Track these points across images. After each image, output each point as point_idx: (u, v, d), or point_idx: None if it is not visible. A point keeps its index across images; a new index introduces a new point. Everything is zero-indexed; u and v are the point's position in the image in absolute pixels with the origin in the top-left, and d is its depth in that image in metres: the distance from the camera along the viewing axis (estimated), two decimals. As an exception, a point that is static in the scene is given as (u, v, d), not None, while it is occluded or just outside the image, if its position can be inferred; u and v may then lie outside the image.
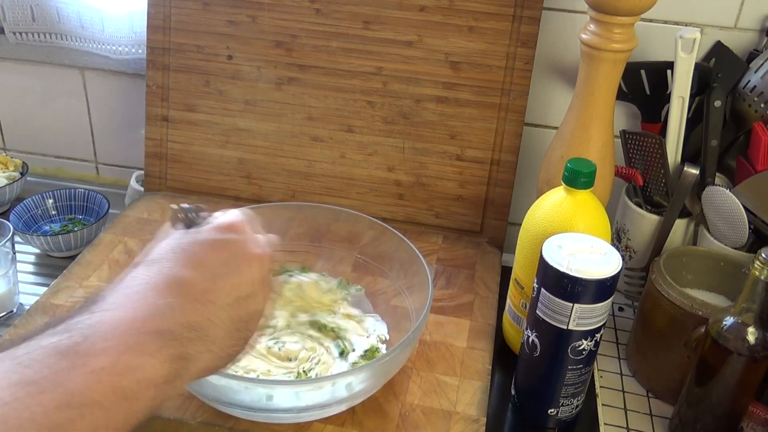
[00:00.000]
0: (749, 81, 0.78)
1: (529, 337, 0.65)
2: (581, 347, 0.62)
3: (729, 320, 0.61)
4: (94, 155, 1.11)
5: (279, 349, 0.68)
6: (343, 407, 0.62)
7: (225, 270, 0.46)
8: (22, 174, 1.01)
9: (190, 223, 0.49)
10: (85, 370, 0.37)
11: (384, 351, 0.70)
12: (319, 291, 0.76)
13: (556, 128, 0.82)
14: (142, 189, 0.98)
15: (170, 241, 0.47)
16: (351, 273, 0.79)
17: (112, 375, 0.38)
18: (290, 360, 0.67)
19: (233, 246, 0.47)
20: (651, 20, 0.83)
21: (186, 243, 0.47)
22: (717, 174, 0.80)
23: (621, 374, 0.76)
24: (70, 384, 0.36)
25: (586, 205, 0.66)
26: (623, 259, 0.66)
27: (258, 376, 0.65)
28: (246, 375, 0.65)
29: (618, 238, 0.86)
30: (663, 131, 0.81)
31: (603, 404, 0.72)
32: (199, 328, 0.43)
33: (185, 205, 0.50)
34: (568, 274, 0.59)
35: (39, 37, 1.00)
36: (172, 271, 0.44)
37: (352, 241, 0.79)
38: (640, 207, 0.83)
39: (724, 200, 0.75)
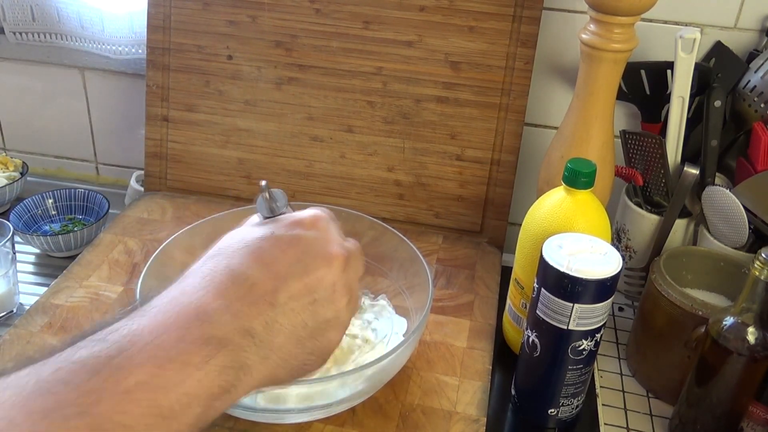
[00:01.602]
0: (749, 81, 0.78)
1: (529, 337, 0.65)
2: (581, 347, 0.62)
3: (729, 320, 0.61)
4: (94, 155, 1.11)
5: None
6: (343, 407, 0.62)
7: (296, 269, 0.42)
8: (22, 174, 1.01)
9: (272, 209, 0.46)
10: (117, 389, 0.33)
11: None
12: None
13: (556, 128, 0.82)
14: (142, 189, 0.98)
15: (244, 230, 0.43)
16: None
17: (148, 393, 0.34)
18: None
19: (310, 243, 0.43)
20: (651, 20, 0.83)
21: (259, 236, 0.43)
22: (717, 174, 0.80)
23: (621, 374, 0.76)
24: (100, 408, 0.33)
25: (586, 205, 0.66)
26: (623, 259, 0.66)
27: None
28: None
29: (618, 238, 0.86)
30: (663, 131, 0.81)
31: (603, 404, 0.72)
32: (255, 333, 0.39)
33: (273, 190, 0.47)
34: (568, 274, 0.59)
35: (39, 37, 1.00)
36: (237, 267, 0.40)
37: (352, 241, 0.79)
38: (640, 207, 0.83)
39: (724, 200, 0.75)
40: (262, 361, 0.39)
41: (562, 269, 0.59)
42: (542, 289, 0.62)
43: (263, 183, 0.47)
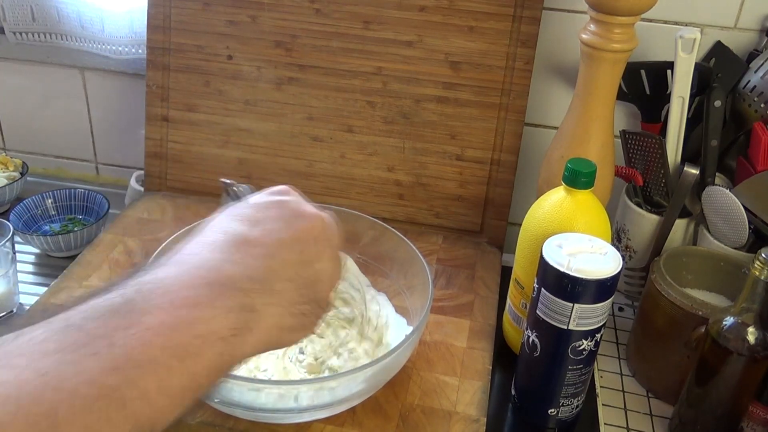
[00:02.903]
0: (749, 81, 0.78)
1: (529, 337, 0.65)
2: (581, 347, 0.62)
3: (729, 320, 0.61)
4: (94, 155, 1.11)
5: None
6: (343, 407, 0.62)
7: (281, 225, 0.46)
8: (22, 174, 1.01)
9: (237, 198, 0.50)
10: (140, 327, 0.36)
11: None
12: None
13: (556, 128, 0.82)
14: (142, 189, 0.98)
15: (223, 211, 0.47)
16: (351, 273, 0.79)
17: (170, 330, 0.36)
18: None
19: (288, 204, 0.48)
20: (651, 20, 0.84)
21: (239, 207, 0.47)
22: (717, 174, 0.80)
23: (621, 374, 0.76)
24: (125, 343, 0.35)
25: (586, 205, 0.66)
26: (623, 259, 0.66)
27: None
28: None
29: (618, 238, 0.86)
30: (663, 131, 0.81)
31: (603, 404, 0.72)
32: (263, 280, 0.42)
33: (231, 182, 0.52)
34: (568, 274, 0.59)
35: (39, 37, 1.00)
36: (231, 229, 0.44)
37: (352, 241, 0.79)
38: (640, 207, 0.83)
39: (724, 200, 0.75)
40: (267, 306, 0.42)
41: (562, 269, 0.59)
42: (542, 289, 0.62)
43: (228, 181, 0.52)
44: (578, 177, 0.65)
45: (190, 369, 0.37)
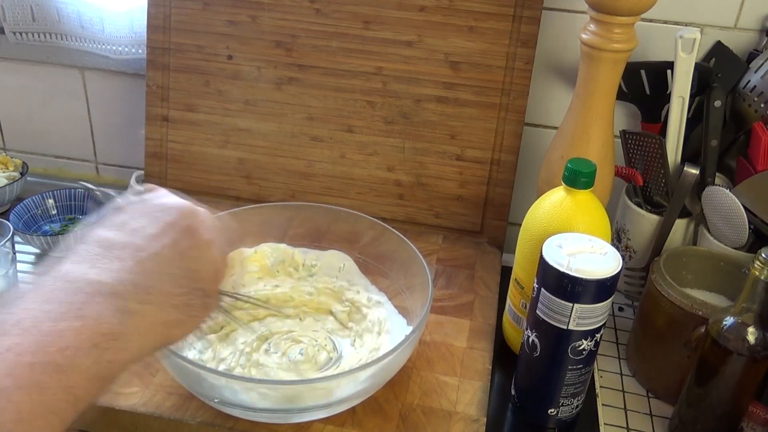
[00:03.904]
0: (749, 81, 0.78)
1: (529, 337, 0.65)
2: (581, 347, 0.62)
3: (729, 320, 0.61)
4: (94, 155, 1.11)
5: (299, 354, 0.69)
6: (343, 407, 0.62)
7: (147, 222, 0.45)
8: (22, 174, 1.01)
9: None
10: (0, 349, 0.35)
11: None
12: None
13: (556, 128, 0.82)
14: (142, 189, 0.98)
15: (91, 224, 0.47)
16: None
17: (35, 346, 0.35)
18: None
19: (147, 203, 0.47)
20: (651, 20, 0.83)
21: (108, 217, 0.47)
22: (717, 174, 0.80)
23: (621, 374, 0.76)
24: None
25: (586, 205, 0.66)
26: (623, 259, 0.66)
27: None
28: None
29: (618, 238, 0.86)
30: (663, 131, 0.81)
31: (603, 404, 0.72)
32: (134, 280, 0.42)
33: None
34: (568, 274, 0.59)
35: (39, 37, 1.00)
36: (95, 236, 0.44)
37: (352, 241, 0.79)
38: (640, 207, 0.83)
39: (724, 200, 0.75)
40: (144, 305, 0.41)
41: (562, 269, 0.59)
42: (542, 289, 0.62)
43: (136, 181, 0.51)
44: (578, 177, 0.65)
45: (63, 383, 0.36)
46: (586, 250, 0.62)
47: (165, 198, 0.48)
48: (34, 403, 0.34)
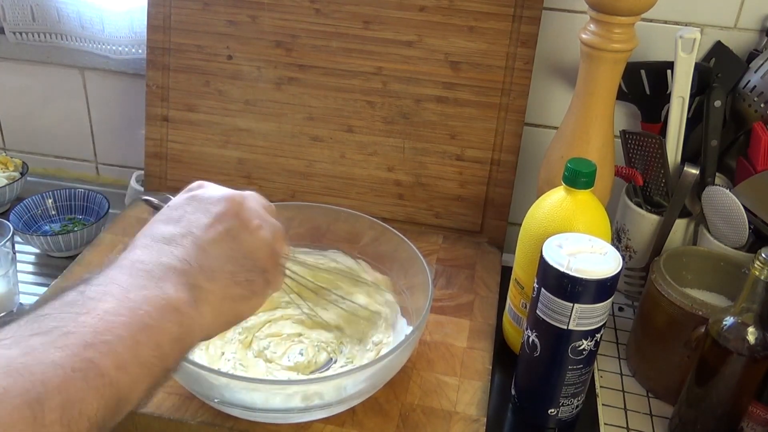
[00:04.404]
0: (749, 81, 0.78)
1: (529, 337, 0.65)
2: (581, 347, 0.62)
3: (729, 320, 0.61)
4: (94, 155, 1.11)
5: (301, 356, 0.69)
6: (343, 407, 0.62)
7: (200, 215, 0.50)
8: (22, 174, 1.01)
9: (159, 209, 0.54)
10: (98, 311, 0.40)
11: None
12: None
13: (556, 128, 0.82)
14: (142, 189, 0.98)
15: (146, 225, 0.51)
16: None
17: (127, 310, 0.40)
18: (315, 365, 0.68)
19: (199, 196, 0.52)
20: (651, 20, 0.83)
21: (160, 214, 0.51)
22: (717, 174, 0.80)
23: (621, 374, 0.76)
24: (90, 324, 0.39)
25: (586, 205, 0.66)
26: (623, 259, 0.66)
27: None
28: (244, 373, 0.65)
29: (618, 238, 0.86)
30: (663, 131, 0.81)
31: (603, 404, 0.72)
32: (198, 262, 0.47)
33: (152, 198, 0.59)
34: (568, 274, 0.59)
35: (39, 37, 1.00)
36: (156, 232, 0.48)
37: (352, 241, 0.79)
38: (640, 207, 0.83)
39: (724, 200, 0.75)
40: (210, 282, 0.47)
41: (562, 269, 0.59)
42: (542, 289, 0.62)
43: (148, 198, 0.59)
44: (578, 177, 0.65)
45: (154, 340, 0.41)
46: (586, 250, 0.62)
47: (213, 190, 0.52)
48: (129, 355, 0.39)
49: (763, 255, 0.58)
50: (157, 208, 0.55)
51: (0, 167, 1.02)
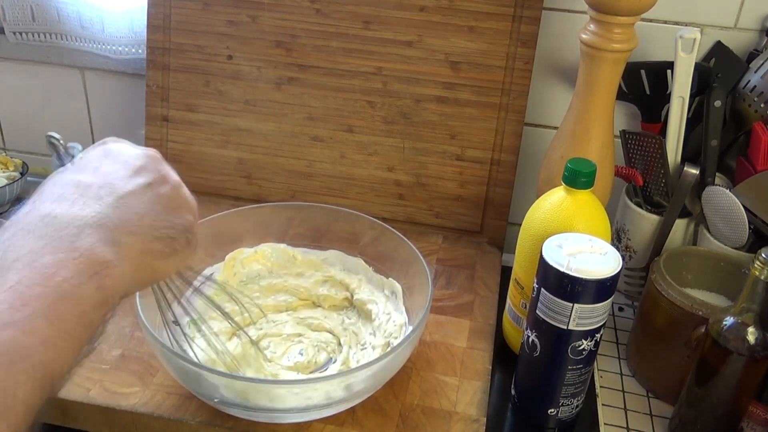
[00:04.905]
0: (749, 81, 0.78)
1: (529, 337, 0.65)
2: (581, 347, 0.62)
3: (729, 320, 0.61)
4: (94, 155, 1.11)
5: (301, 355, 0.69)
6: (343, 407, 0.62)
7: (118, 167, 0.47)
8: (22, 174, 1.01)
9: (68, 155, 0.51)
10: (10, 283, 0.37)
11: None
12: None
13: (556, 128, 0.82)
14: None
15: (57, 173, 0.48)
16: (351, 273, 0.79)
17: (41, 278, 0.37)
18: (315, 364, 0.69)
19: (118, 149, 0.49)
20: (651, 20, 0.84)
21: (75, 164, 0.48)
22: (717, 174, 0.80)
23: (621, 374, 0.76)
24: (3, 299, 0.36)
25: (586, 205, 0.66)
26: (623, 259, 0.66)
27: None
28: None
29: (618, 238, 0.86)
30: (663, 131, 0.81)
31: (603, 404, 0.72)
32: (117, 215, 0.44)
33: (58, 139, 0.51)
34: (568, 274, 0.59)
35: (39, 37, 1.00)
36: (70, 180, 0.45)
37: (352, 241, 0.79)
38: (640, 207, 0.83)
39: (724, 200, 0.75)
40: (129, 236, 0.43)
41: (562, 269, 0.59)
42: (542, 289, 0.62)
43: (55, 135, 0.51)
44: (578, 177, 0.65)
45: (76, 309, 0.38)
46: (586, 250, 0.62)
47: (129, 146, 0.50)
48: (53, 328, 0.36)
49: (763, 255, 0.58)
50: (61, 158, 0.51)
51: (0, 167, 1.02)
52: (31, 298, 0.36)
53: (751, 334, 0.60)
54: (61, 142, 0.51)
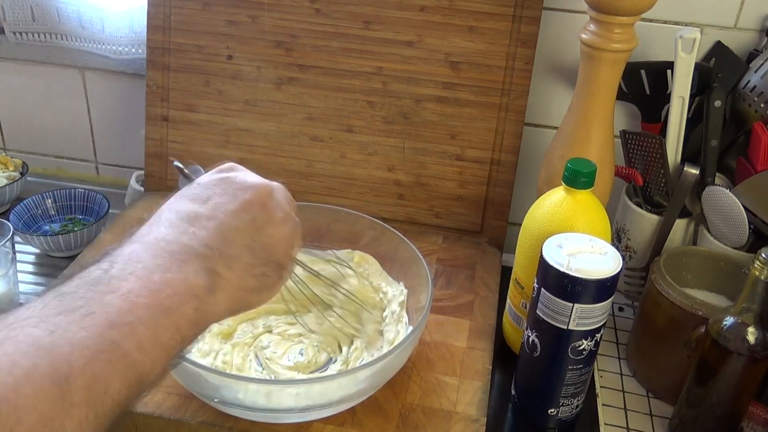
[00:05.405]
0: (749, 81, 0.78)
1: (529, 337, 0.65)
2: (581, 347, 0.62)
3: (729, 320, 0.61)
4: (94, 155, 1.11)
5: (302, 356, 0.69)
6: (343, 407, 0.62)
7: (228, 199, 0.50)
8: (22, 174, 1.01)
9: (190, 180, 0.54)
10: (122, 291, 0.40)
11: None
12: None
13: (556, 128, 0.82)
14: (142, 189, 0.98)
15: (172, 197, 0.51)
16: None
17: (149, 291, 0.41)
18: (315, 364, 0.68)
19: (231, 180, 0.52)
20: (651, 20, 0.83)
21: (188, 189, 0.51)
22: (717, 174, 0.80)
23: (621, 374, 0.76)
24: (114, 304, 0.39)
25: (586, 205, 0.66)
26: (623, 259, 0.66)
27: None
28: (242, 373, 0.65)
29: (618, 238, 0.86)
30: (663, 131, 0.81)
31: (603, 404, 0.72)
32: (219, 247, 0.47)
33: (183, 166, 0.57)
34: (568, 274, 0.59)
35: (39, 37, 1.00)
36: (182, 208, 0.49)
37: (352, 241, 0.79)
38: (640, 207, 0.83)
39: (724, 200, 0.75)
40: (228, 270, 0.47)
41: (562, 269, 0.59)
42: (542, 289, 0.62)
43: (179, 164, 0.57)
44: (578, 177, 0.65)
45: (174, 323, 0.42)
46: (586, 250, 0.62)
47: (243, 176, 0.52)
48: (151, 337, 0.40)
49: (763, 255, 0.58)
50: (187, 177, 0.55)
51: (0, 167, 1.02)
52: (138, 307, 0.40)
53: (751, 334, 0.60)
54: (184, 169, 0.57)
